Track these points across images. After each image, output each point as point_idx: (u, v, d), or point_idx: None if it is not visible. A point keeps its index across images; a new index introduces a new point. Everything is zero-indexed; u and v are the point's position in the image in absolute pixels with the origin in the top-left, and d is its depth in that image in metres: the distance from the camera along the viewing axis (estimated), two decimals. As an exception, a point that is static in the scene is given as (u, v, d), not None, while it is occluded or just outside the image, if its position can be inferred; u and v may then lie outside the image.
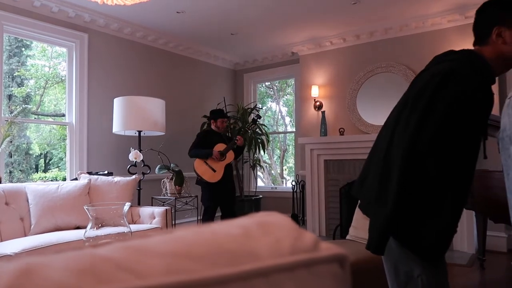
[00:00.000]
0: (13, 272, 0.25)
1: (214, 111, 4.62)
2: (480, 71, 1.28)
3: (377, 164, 1.35)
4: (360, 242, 2.80)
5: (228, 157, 4.35)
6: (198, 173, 4.24)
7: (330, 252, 0.35)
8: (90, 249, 0.31)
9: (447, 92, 1.23)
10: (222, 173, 4.28)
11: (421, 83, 1.32)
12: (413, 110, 1.26)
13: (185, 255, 0.29)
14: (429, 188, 1.23)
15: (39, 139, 7.14)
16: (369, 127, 4.92)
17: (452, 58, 1.34)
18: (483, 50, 1.34)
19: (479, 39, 1.38)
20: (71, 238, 2.93)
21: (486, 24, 1.35)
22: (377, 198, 1.29)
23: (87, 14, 4.35)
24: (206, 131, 4.74)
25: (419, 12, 4.48)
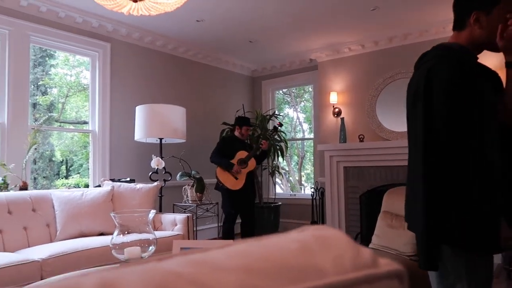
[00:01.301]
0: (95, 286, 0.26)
1: (240, 118, 4.62)
2: (456, 57, 1.31)
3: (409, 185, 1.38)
4: (383, 251, 2.76)
5: (250, 165, 4.34)
6: (220, 180, 4.25)
7: (390, 268, 0.35)
8: (157, 263, 0.32)
9: (435, 91, 1.26)
10: (244, 181, 4.27)
11: (411, 93, 1.37)
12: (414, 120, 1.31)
13: (255, 271, 0.30)
14: (456, 180, 1.22)
15: (61, 146, 7.31)
16: (389, 133, 4.86)
17: (433, 55, 1.37)
18: (461, 35, 1.38)
19: (457, 22, 1.41)
20: (95, 244, 2.98)
21: (466, 7, 1.37)
22: (411, 211, 1.30)
23: (110, 24, 4.45)
24: (229, 137, 4.74)
25: (439, 18, 4.42)
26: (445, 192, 1.23)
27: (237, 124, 4.52)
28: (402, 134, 4.76)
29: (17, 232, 3.03)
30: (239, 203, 4.33)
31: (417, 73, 1.38)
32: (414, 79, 1.39)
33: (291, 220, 5.94)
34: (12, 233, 2.99)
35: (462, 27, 1.38)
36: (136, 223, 2.15)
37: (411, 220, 1.37)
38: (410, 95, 1.38)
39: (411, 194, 1.36)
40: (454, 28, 1.43)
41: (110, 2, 1.93)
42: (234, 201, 4.30)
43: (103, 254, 2.92)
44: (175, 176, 4.40)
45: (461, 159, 1.21)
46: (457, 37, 1.40)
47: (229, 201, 4.29)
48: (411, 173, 1.38)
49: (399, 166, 4.69)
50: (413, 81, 1.40)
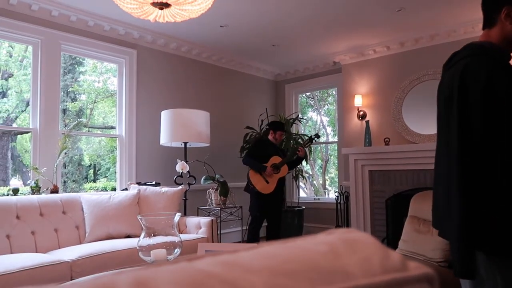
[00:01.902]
0: (129, 284, 0.27)
1: (275, 122, 4.65)
2: (490, 54, 1.28)
3: (442, 186, 1.33)
4: (410, 256, 2.70)
5: (282, 171, 4.33)
6: (251, 182, 4.26)
7: (420, 271, 0.35)
8: (187, 263, 0.33)
9: (471, 90, 1.22)
10: (274, 186, 4.28)
11: (445, 93, 1.34)
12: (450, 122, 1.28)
13: (283, 272, 0.30)
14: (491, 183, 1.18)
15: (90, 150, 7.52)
16: (416, 136, 4.76)
17: (465, 54, 1.34)
18: (491, 32, 1.35)
19: (487, 20, 1.38)
20: (122, 246, 3.04)
21: (495, 4, 1.34)
22: (443, 216, 1.26)
23: (136, 31, 4.56)
24: (262, 140, 4.74)
25: (468, 17, 4.31)
26: (481, 197, 1.18)
27: (271, 128, 4.52)
28: (430, 137, 4.65)
29: (48, 234, 3.13)
30: (267, 207, 4.32)
31: (449, 73, 1.35)
32: (446, 79, 1.36)
33: (315, 224, 5.89)
34: (43, 234, 3.10)
35: (492, 24, 1.35)
36: (162, 226, 2.19)
37: (443, 226, 1.33)
38: (443, 95, 1.35)
39: (442, 199, 1.31)
40: (484, 27, 1.40)
41: (137, 10, 1.98)
42: (262, 204, 4.30)
43: (129, 256, 2.98)
44: (199, 179, 4.44)
45: (494, 160, 1.18)
46: (487, 35, 1.37)
47: (257, 204, 4.29)
48: (442, 178, 1.33)
49: (426, 170, 4.58)
50: (445, 81, 1.37)
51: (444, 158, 1.33)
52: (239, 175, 5.27)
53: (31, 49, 3.95)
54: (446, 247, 2.44)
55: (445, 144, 1.33)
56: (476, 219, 1.17)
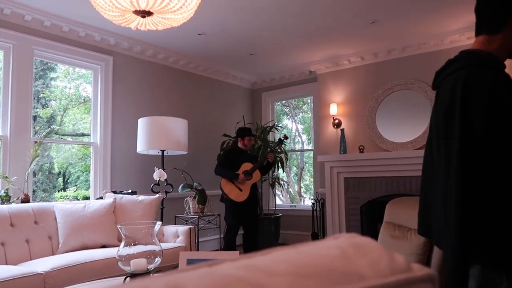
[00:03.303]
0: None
1: (241, 129, 4.63)
2: (488, 65, 1.25)
3: (437, 193, 1.30)
4: (386, 261, 2.76)
5: (255, 177, 4.35)
6: (224, 192, 4.25)
7: (423, 272, 0.38)
8: (208, 268, 0.34)
9: (473, 103, 1.20)
10: (248, 193, 4.28)
11: (444, 103, 1.30)
12: (450, 132, 1.24)
13: (304, 275, 0.32)
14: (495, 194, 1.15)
15: (59, 158, 7.31)
16: (389, 144, 4.90)
17: (463, 64, 1.30)
18: (492, 39, 1.28)
19: (489, 26, 1.30)
20: (98, 256, 2.97)
21: (502, 12, 1.27)
22: (442, 228, 1.24)
23: (112, 38, 4.50)
24: (232, 149, 4.74)
25: (438, 30, 4.51)
26: (481, 207, 1.15)
27: (239, 135, 4.53)
28: (403, 144, 4.80)
29: (19, 245, 3.03)
30: (243, 214, 4.33)
31: (448, 82, 1.30)
32: (445, 89, 1.30)
33: (291, 231, 5.93)
34: (14, 245, 2.99)
35: (495, 31, 1.28)
36: (142, 235, 2.16)
37: (439, 238, 1.30)
38: (442, 105, 1.30)
39: (438, 209, 1.28)
40: (482, 31, 1.32)
41: (119, 18, 1.97)
42: (237, 212, 4.30)
43: (106, 266, 2.92)
44: (176, 188, 4.41)
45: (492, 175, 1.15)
46: (486, 41, 1.30)
47: (232, 213, 4.29)
48: (438, 186, 1.30)
49: (399, 177, 4.72)
50: (444, 90, 1.31)
51: (441, 168, 1.29)
52: (217, 183, 5.23)
53: (2, 54, 3.83)
54: (421, 252, 2.52)
55: (443, 155, 1.28)
56: (475, 232, 1.15)
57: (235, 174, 4.25)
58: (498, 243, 1.14)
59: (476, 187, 1.16)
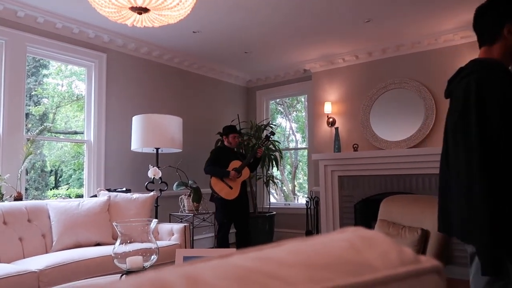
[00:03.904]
0: (182, 280, 0.29)
1: (225, 127, 4.65)
2: (496, 69, 1.37)
3: (458, 189, 1.38)
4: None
5: (244, 174, 4.37)
6: (215, 190, 4.27)
7: (431, 263, 0.38)
8: (222, 260, 0.35)
9: (488, 102, 1.30)
10: (238, 190, 4.30)
11: (459, 102, 1.40)
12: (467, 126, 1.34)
13: (317, 266, 0.33)
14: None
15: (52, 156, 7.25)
16: (383, 143, 4.93)
17: (473, 69, 1.42)
18: (492, 49, 1.43)
19: (487, 37, 1.45)
20: (93, 254, 2.96)
21: (496, 21, 1.42)
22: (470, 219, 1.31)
23: (106, 35, 4.47)
24: (220, 147, 4.77)
25: (432, 30, 4.54)
26: (507, 199, 1.24)
27: (223, 134, 4.56)
28: (396, 143, 4.83)
29: (12, 243, 3.00)
30: (234, 212, 4.35)
31: (460, 86, 1.41)
32: (458, 93, 1.42)
33: (285, 229, 5.95)
34: (7, 243, 2.96)
35: (494, 41, 1.43)
36: (138, 233, 2.15)
37: (463, 231, 1.38)
38: (457, 108, 1.40)
39: (461, 205, 1.36)
40: (482, 44, 1.47)
41: (115, 14, 1.96)
42: (228, 210, 4.32)
43: (100, 264, 2.91)
44: (171, 186, 4.40)
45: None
46: (488, 51, 1.44)
47: (223, 211, 4.31)
48: (459, 183, 1.38)
49: (393, 175, 4.76)
50: (457, 94, 1.43)
51: (462, 164, 1.37)
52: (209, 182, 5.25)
53: (-6, 50, 3.79)
54: (415, 249, 2.55)
55: (463, 151, 1.36)
56: (502, 223, 1.24)
57: (225, 171, 4.26)
58: None
59: (500, 181, 1.25)
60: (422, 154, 4.49)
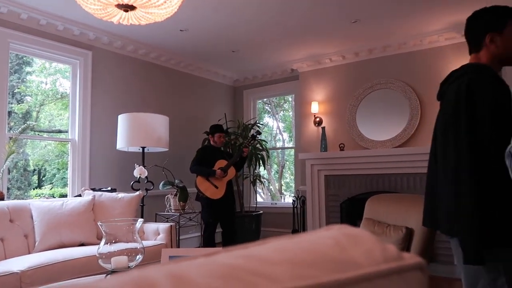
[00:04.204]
0: (167, 278, 0.28)
1: (211, 126, 4.64)
2: (485, 72, 1.46)
3: (445, 185, 1.45)
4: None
5: (230, 174, 4.37)
6: (200, 190, 4.26)
7: (414, 260, 0.39)
8: (206, 258, 0.34)
9: (479, 105, 1.37)
10: (224, 190, 4.30)
11: (450, 104, 1.47)
12: (457, 127, 1.40)
13: (301, 263, 0.33)
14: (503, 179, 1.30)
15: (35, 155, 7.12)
16: (369, 142, 4.98)
17: (464, 72, 1.50)
18: (480, 55, 1.54)
19: (474, 45, 1.57)
20: (77, 255, 2.92)
21: (480, 31, 1.54)
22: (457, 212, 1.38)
23: (92, 32, 4.41)
24: (206, 147, 4.76)
25: (417, 31, 4.60)
26: (492, 195, 1.32)
27: (209, 133, 4.55)
28: (382, 143, 4.89)
29: (-6, 244, 2.93)
30: (220, 212, 4.35)
31: (452, 89, 1.49)
32: (449, 95, 1.49)
33: (272, 228, 5.96)
34: (-11, 244, 2.90)
35: (479, 49, 1.53)
36: (123, 232, 2.13)
37: (448, 225, 1.45)
38: (448, 109, 1.47)
39: (448, 201, 1.43)
40: (471, 52, 1.58)
41: (101, 11, 1.93)
42: (214, 210, 4.31)
43: (85, 265, 2.87)
44: (157, 185, 4.36)
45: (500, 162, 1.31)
46: (477, 58, 1.55)
47: (209, 210, 4.31)
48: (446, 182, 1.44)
49: (378, 174, 4.81)
50: (448, 97, 1.50)
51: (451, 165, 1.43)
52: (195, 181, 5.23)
53: (-25, 46, 3.70)
54: (399, 247, 2.58)
55: (453, 152, 1.43)
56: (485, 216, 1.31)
57: (211, 170, 4.26)
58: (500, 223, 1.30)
59: (488, 181, 1.32)
60: (407, 154, 4.55)
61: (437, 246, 4.34)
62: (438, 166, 1.52)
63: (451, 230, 1.46)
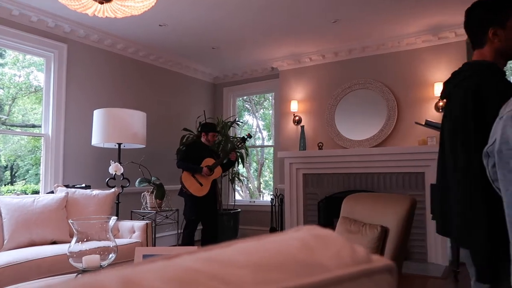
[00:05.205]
0: (118, 284, 0.26)
1: (206, 124, 4.59)
2: (492, 72, 1.41)
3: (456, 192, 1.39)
4: (342, 255, 2.84)
5: (216, 173, 4.34)
6: (185, 185, 4.22)
7: (383, 263, 0.38)
8: (168, 261, 0.33)
9: (486, 99, 1.33)
10: (208, 188, 4.27)
11: (457, 109, 1.42)
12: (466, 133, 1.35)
13: (266, 266, 0.31)
14: None
15: (8, 150, 6.89)
16: (347, 141, 5.03)
17: (471, 72, 1.46)
18: (484, 51, 1.47)
19: (477, 41, 1.50)
20: (47, 253, 2.83)
21: (481, 25, 1.47)
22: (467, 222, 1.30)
23: (67, 24, 4.29)
24: (195, 143, 4.70)
25: (396, 33, 4.67)
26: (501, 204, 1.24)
27: (203, 130, 4.50)
28: (359, 142, 4.94)
29: (-40, 242, 2.82)
30: (202, 210, 4.31)
31: (458, 92, 1.44)
32: (456, 99, 1.44)
33: (250, 226, 5.96)
34: (-46, 242, 2.78)
35: (483, 44, 1.47)
36: (95, 230, 2.08)
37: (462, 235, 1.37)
38: (454, 113, 1.43)
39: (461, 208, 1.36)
40: (474, 47, 1.52)
41: (75, 3, 1.86)
42: (196, 207, 4.27)
43: (56, 264, 2.78)
44: (133, 182, 4.28)
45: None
46: (481, 54, 1.48)
47: (192, 207, 4.27)
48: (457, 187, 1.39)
49: (355, 173, 4.87)
50: (455, 100, 1.46)
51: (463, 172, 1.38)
52: (176, 177, 5.16)
53: None
54: (375, 246, 2.61)
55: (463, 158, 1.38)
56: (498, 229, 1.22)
57: (198, 167, 4.22)
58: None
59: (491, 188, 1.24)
60: (384, 154, 4.62)
61: (412, 244, 4.43)
62: (448, 173, 1.46)
63: (462, 240, 1.39)
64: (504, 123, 1.04)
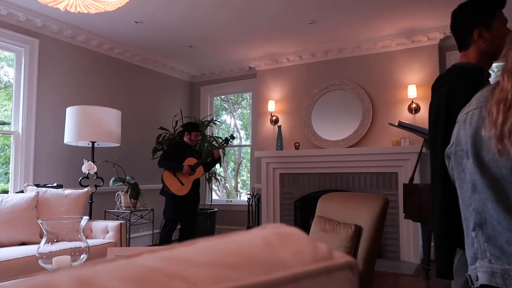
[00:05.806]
0: (72, 283, 0.26)
1: (189, 123, 4.61)
2: (466, 76, 1.42)
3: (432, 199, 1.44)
4: (317, 254, 2.87)
5: (198, 172, 4.35)
6: (166, 184, 4.20)
7: (344, 260, 0.39)
8: (126, 260, 0.32)
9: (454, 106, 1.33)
10: (189, 187, 4.28)
11: (433, 115, 1.47)
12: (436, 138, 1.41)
13: (225, 265, 0.31)
14: None
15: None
16: (323, 142, 5.09)
17: (444, 80, 1.48)
18: (468, 53, 1.48)
19: (462, 43, 1.51)
20: (16, 255, 2.75)
21: (466, 27, 1.47)
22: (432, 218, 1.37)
23: (39, 19, 4.17)
24: (177, 142, 4.69)
25: (371, 35, 4.75)
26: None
27: (186, 130, 4.50)
28: (335, 142, 5.01)
29: None
30: (182, 209, 4.31)
31: (437, 94, 1.47)
32: (435, 101, 1.48)
33: (226, 226, 5.95)
34: None
35: (468, 46, 1.47)
36: (66, 231, 2.02)
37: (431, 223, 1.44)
38: (432, 116, 1.47)
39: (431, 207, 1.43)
40: (460, 49, 1.52)
41: (45, -4, 1.81)
42: (177, 207, 4.26)
43: (25, 265, 2.71)
44: (107, 181, 4.21)
45: None
46: (465, 56, 1.49)
47: (172, 207, 4.26)
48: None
49: (331, 173, 4.93)
50: (434, 102, 1.49)
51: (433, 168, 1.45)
52: (151, 176, 5.10)
53: None
54: (348, 244, 2.66)
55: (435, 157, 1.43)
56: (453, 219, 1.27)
57: (179, 166, 4.22)
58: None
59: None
60: (359, 154, 4.70)
61: (384, 242, 4.53)
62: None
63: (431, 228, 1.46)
64: (458, 126, 1.08)
